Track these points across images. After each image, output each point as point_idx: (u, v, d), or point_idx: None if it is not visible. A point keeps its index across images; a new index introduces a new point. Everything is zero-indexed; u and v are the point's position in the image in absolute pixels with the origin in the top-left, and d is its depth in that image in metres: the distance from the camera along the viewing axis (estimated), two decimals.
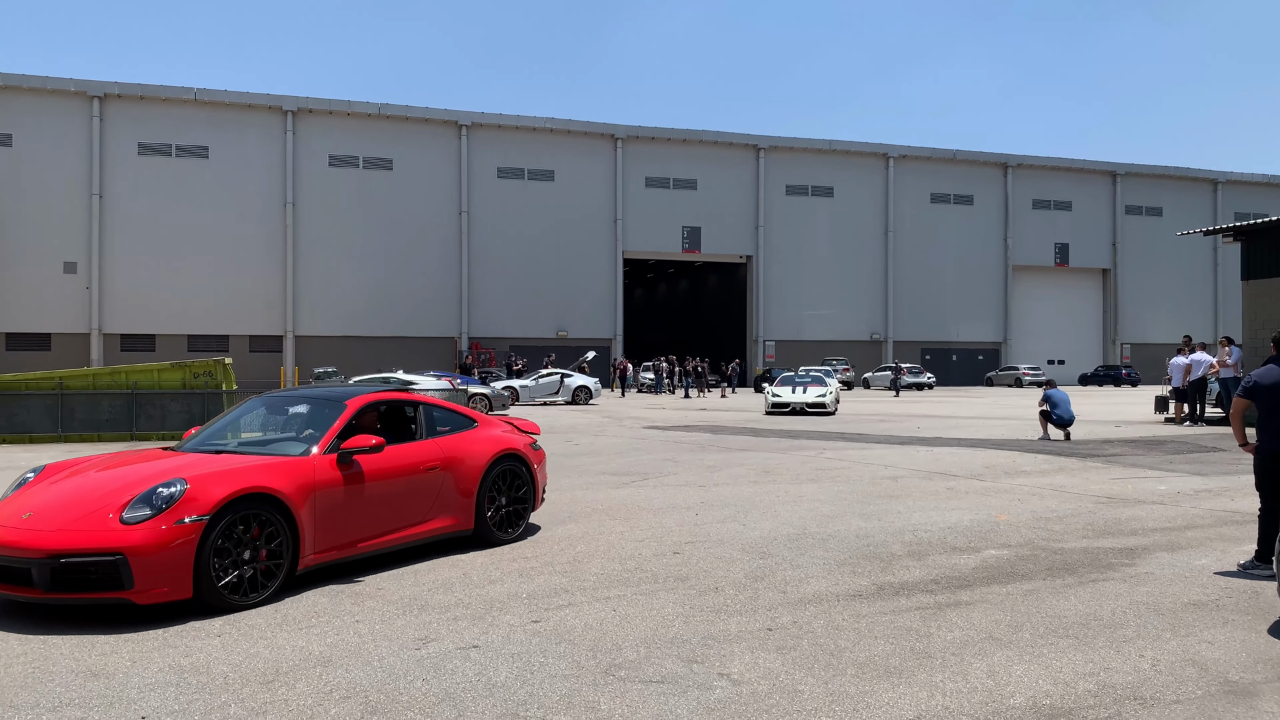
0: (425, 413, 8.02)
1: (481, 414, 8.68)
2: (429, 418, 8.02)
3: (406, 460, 7.43)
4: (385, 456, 7.21)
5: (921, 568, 7.18)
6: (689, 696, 4.46)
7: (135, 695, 4.51)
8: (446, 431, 8.01)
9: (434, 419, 8.06)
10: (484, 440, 8.15)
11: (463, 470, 7.82)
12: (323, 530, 6.61)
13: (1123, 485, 11.74)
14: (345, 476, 6.85)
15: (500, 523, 8.11)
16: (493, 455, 8.04)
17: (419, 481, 7.46)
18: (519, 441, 8.46)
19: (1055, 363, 62.29)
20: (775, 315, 57.93)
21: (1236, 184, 66.53)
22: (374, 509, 7.06)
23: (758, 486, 11.82)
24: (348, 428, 7.23)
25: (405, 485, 7.33)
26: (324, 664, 4.96)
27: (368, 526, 7.01)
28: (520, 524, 8.28)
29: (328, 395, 7.78)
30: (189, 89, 47.98)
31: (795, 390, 28.12)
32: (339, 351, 49.11)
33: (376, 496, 7.08)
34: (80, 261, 46.70)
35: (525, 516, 8.33)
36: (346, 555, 6.87)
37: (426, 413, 8.03)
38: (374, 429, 7.68)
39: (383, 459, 7.19)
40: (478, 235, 52.38)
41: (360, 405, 7.51)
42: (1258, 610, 5.95)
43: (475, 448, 8.01)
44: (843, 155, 58.93)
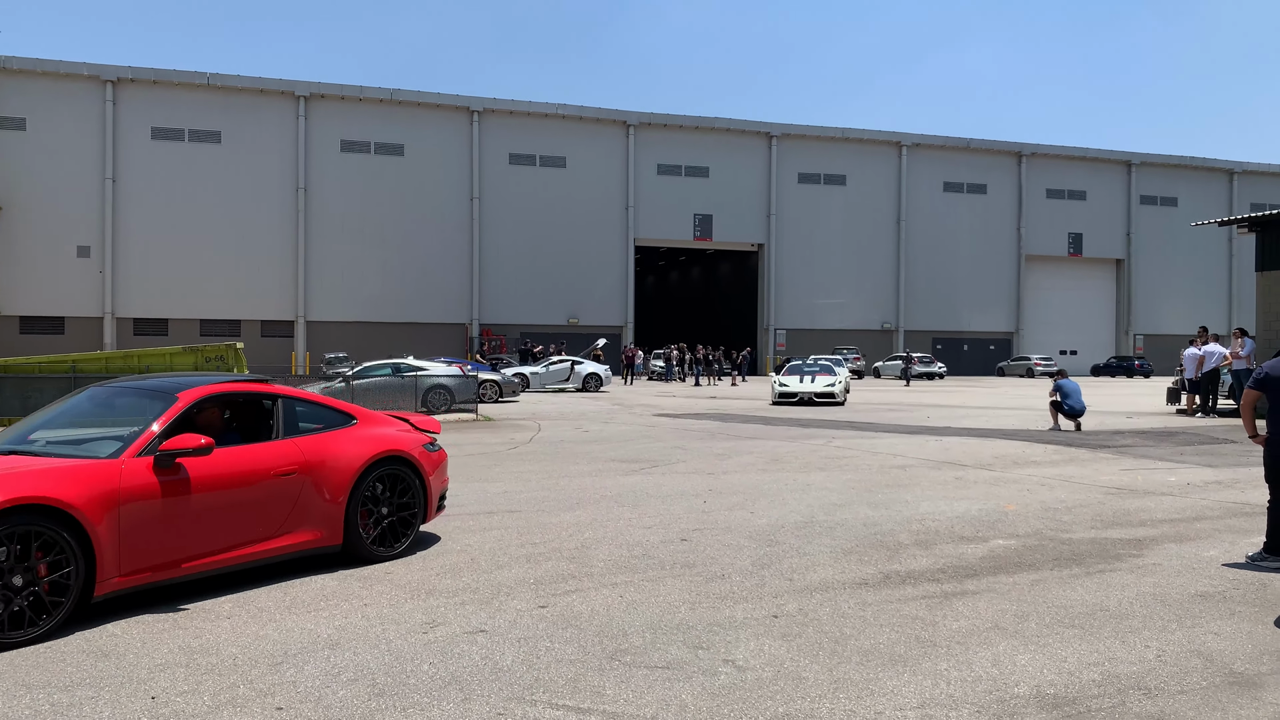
0: (286, 407, 6.90)
1: (367, 410, 7.60)
2: (290, 414, 6.90)
3: (253, 464, 6.34)
4: (222, 459, 6.15)
5: (928, 557, 7.19)
6: (694, 682, 4.48)
7: (145, 675, 4.56)
8: (314, 429, 6.95)
9: (296, 415, 6.95)
10: (360, 440, 7.05)
11: (329, 475, 6.73)
12: (131, 548, 5.56)
13: (1132, 476, 11.71)
14: (164, 484, 5.78)
15: (380, 537, 7.02)
16: (369, 458, 6.95)
17: (269, 489, 6.38)
18: (407, 442, 7.36)
19: (1067, 353, 62.02)
20: (786, 304, 57.82)
21: (1253, 174, 65.98)
22: (206, 522, 5.98)
23: (766, 475, 11.83)
24: (176, 424, 6.17)
25: (249, 493, 6.26)
26: (332, 646, 5.00)
27: (196, 543, 5.93)
28: (405, 538, 7.18)
29: (157, 386, 6.63)
30: (202, 74, 48.06)
31: (803, 379, 27.11)
32: (350, 337, 49.28)
33: (209, 507, 6.00)
34: (94, 245, 46.93)
35: (413, 529, 7.25)
36: (167, 577, 5.81)
37: (287, 407, 6.91)
38: (218, 426, 6.73)
39: (218, 462, 6.11)
40: (489, 221, 52.40)
41: (196, 398, 6.41)
42: (1265, 602, 5.94)
43: (347, 449, 6.92)
44: (856, 143, 58.67)
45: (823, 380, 26.83)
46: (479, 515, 8.92)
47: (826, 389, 26.36)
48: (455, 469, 12.44)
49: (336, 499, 6.76)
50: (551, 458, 13.78)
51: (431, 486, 7.44)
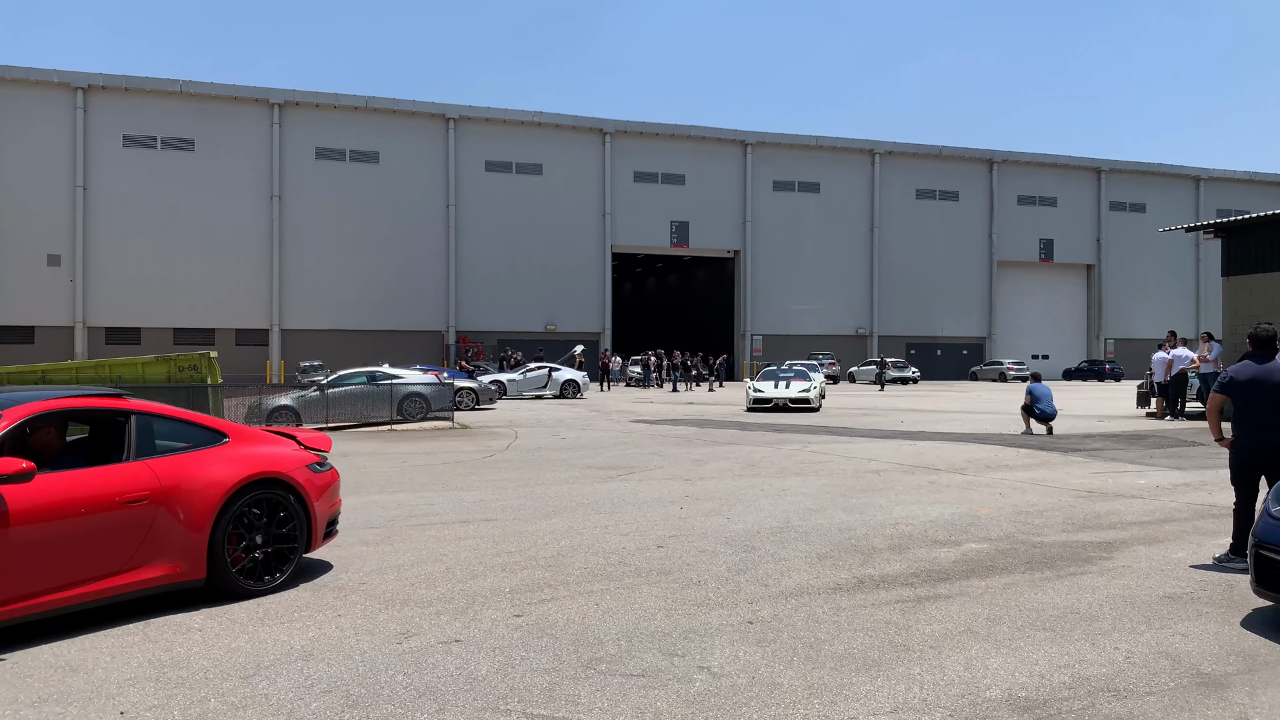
0: (140, 426, 6.10)
1: (243, 427, 6.85)
2: (145, 432, 6.11)
3: (92, 490, 5.56)
4: (52, 486, 5.40)
5: (902, 561, 7.23)
6: (669, 689, 4.49)
7: (114, 690, 4.51)
8: (177, 449, 6.22)
9: (153, 434, 6.18)
10: (231, 461, 6.30)
11: (190, 501, 5.95)
12: None
13: (1103, 479, 11.84)
14: None
15: (252, 569, 6.27)
16: (239, 481, 6.20)
17: (113, 518, 5.61)
18: (286, 462, 6.63)
19: (1039, 357, 62.61)
20: (763, 310, 58.03)
21: (1218, 181, 66.99)
22: (28, 558, 5.21)
23: (742, 480, 11.86)
24: None
25: (87, 524, 5.48)
26: (305, 658, 4.97)
27: (19, 582, 5.18)
28: (284, 569, 6.45)
29: None
30: (174, 81, 47.67)
31: (778, 385, 26.72)
32: (326, 345, 48.95)
33: (32, 541, 5.23)
34: (64, 254, 46.38)
35: (293, 559, 6.52)
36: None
37: (142, 426, 6.12)
38: (55, 448, 6.02)
39: (46, 489, 5.35)
40: (465, 228, 52.26)
41: (22, 416, 5.62)
42: (1231, 603, 6.02)
43: (213, 471, 6.16)
44: (829, 151, 59.05)
45: (798, 386, 26.54)
46: (454, 524, 8.89)
47: (801, 394, 26.06)
48: (431, 477, 12.40)
49: (198, 528, 5.96)
50: (528, 465, 13.76)
51: (317, 511, 6.71)
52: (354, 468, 13.55)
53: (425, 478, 12.42)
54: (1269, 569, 5.48)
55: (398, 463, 14.18)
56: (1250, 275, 21.72)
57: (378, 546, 7.85)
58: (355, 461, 14.36)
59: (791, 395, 25.99)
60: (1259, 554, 5.56)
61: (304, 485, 6.63)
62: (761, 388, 26.70)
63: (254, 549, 6.32)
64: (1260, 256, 21.54)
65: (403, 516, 9.33)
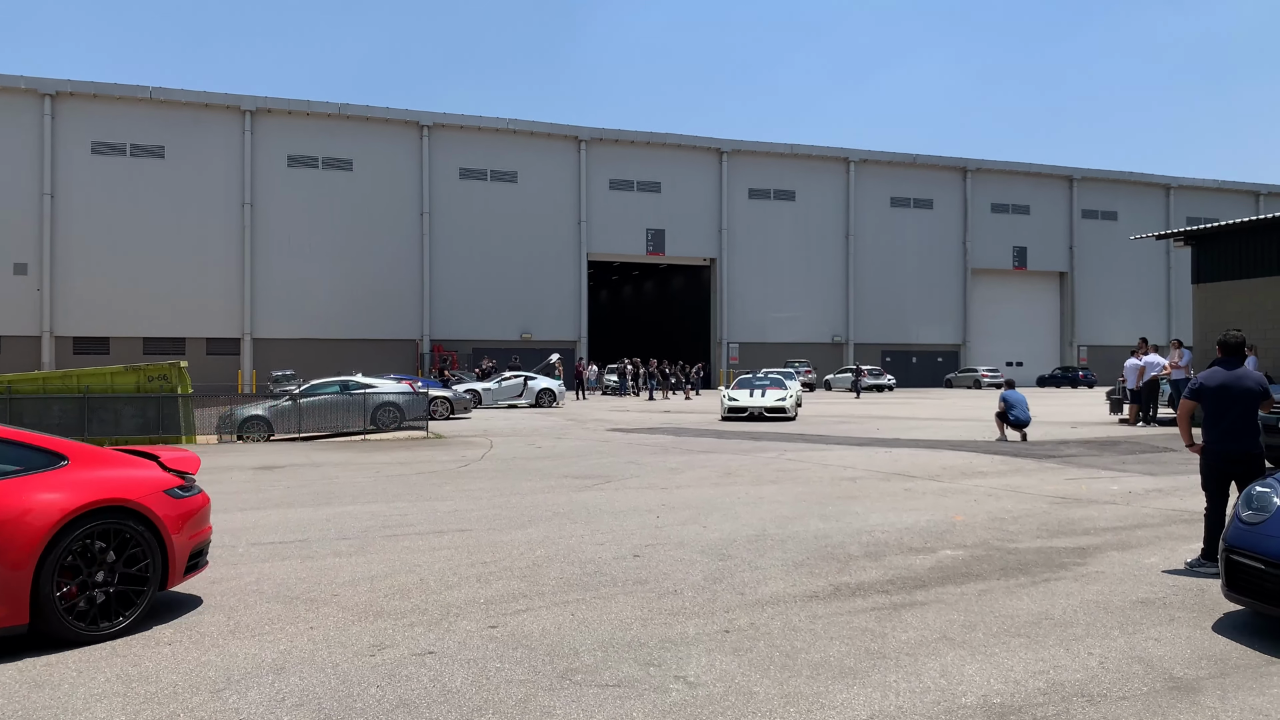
0: None
1: (88, 448, 5.97)
2: None
3: None
4: None
5: (878, 568, 7.24)
6: (645, 700, 4.46)
7: (81, 706, 4.43)
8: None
9: None
10: (64, 486, 5.48)
11: (9, 534, 5.16)
12: None
13: (1077, 485, 11.93)
14: None
15: (88, 611, 5.45)
16: (73, 510, 5.37)
17: None
18: (137, 488, 5.81)
19: (1014, 364, 63.16)
20: (739, 318, 58.18)
21: (1189, 189, 67.92)
22: None
23: (719, 488, 11.86)
24: None
25: None
26: (277, 671, 4.90)
27: None
28: (131, 611, 5.64)
29: None
30: (144, 88, 47.21)
31: (753, 394, 26.11)
32: (298, 354, 48.55)
33: None
34: (31, 262, 45.75)
35: (142, 599, 5.71)
36: None
37: None
38: None
39: None
40: (440, 237, 52.05)
41: None
42: (1203, 607, 6.07)
43: (39, 499, 5.33)
44: (804, 159, 59.35)
45: (773, 395, 25.94)
46: (428, 535, 8.82)
47: (777, 404, 25.46)
48: (405, 487, 12.31)
49: (19, 565, 5.15)
50: (503, 475, 13.69)
51: (175, 544, 5.88)
52: (326, 478, 13.42)
53: (399, 488, 12.32)
54: (1239, 573, 5.53)
55: (371, 473, 14.07)
56: (1220, 282, 22.02)
57: (350, 558, 7.77)
58: (328, 472, 14.23)
59: (767, 404, 25.45)
60: (1229, 559, 5.61)
61: (159, 514, 5.81)
62: (736, 396, 26.16)
63: (93, 588, 5.48)
64: (1229, 264, 21.85)
65: (376, 527, 9.25)
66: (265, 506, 10.70)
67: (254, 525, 9.41)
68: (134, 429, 19.80)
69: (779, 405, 25.39)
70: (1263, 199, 69.08)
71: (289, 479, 13.32)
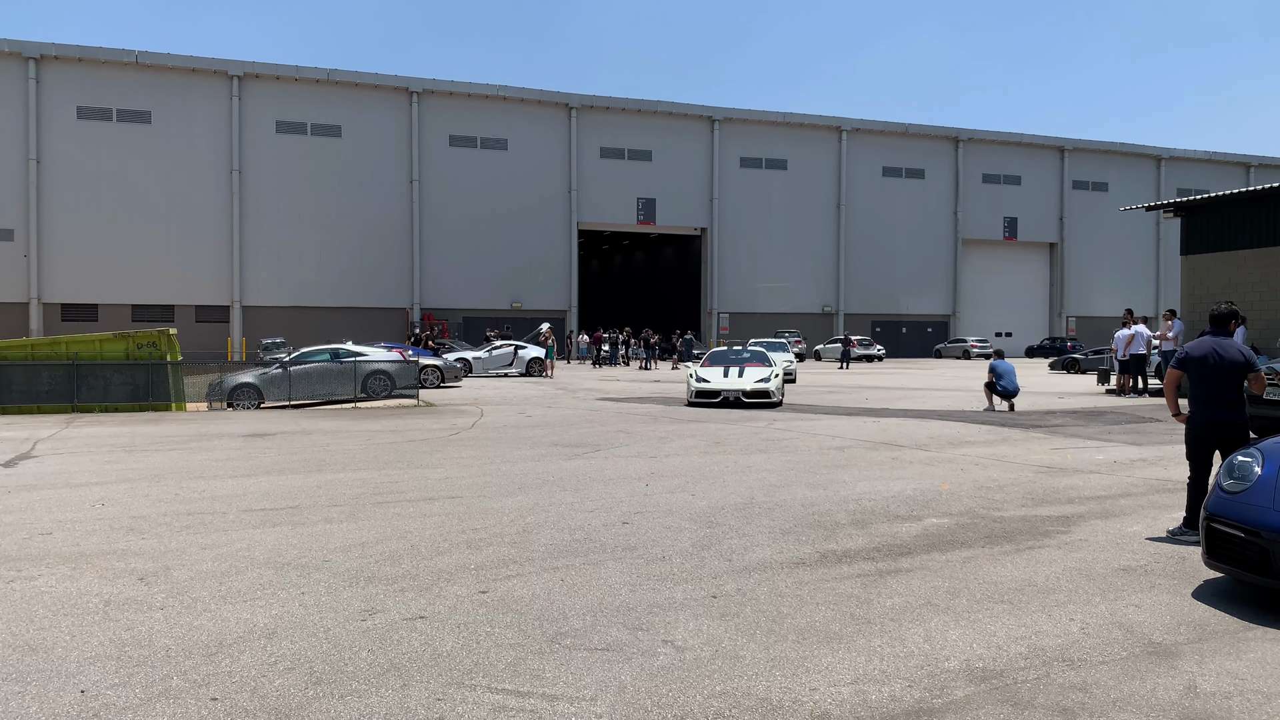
0: None
1: None
2: None
3: None
4: None
5: (864, 536, 7.32)
6: (633, 663, 4.52)
7: (74, 669, 4.46)
8: None
9: None
10: None
11: None
12: None
13: (1062, 455, 12.04)
14: None
15: None
16: None
17: None
18: None
19: (1003, 335, 63.37)
20: (729, 287, 58.14)
21: (1179, 160, 67.90)
22: None
23: (708, 457, 11.93)
24: None
25: None
26: (269, 636, 4.95)
27: None
28: None
29: None
30: (130, 51, 46.61)
31: (728, 373, 20.68)
32: (287, 322, 48.40)
33: None
34: (17, 229, 45.40)
35: None
36: None
37: None
38: None
39: None
40: (429, 204, 51.76)
41: None
42: (1183, 575, 6.17)
43: None
44: (796, 128, 59.05)
45: (753, 374, 20.53)
46: (419, 502, 8.86)
47: (758, 386, 20.02)
48: (396, 455, 12.35)
49: None
50: (494, 443, 13.73)
51: None
52: (317, 446, 13.44)
53: (390, 455, 12.36)
54: (1219, 541, 5.61)
55: (362, 440, 14.09)
56: (1209, 254, 22.10)
57: (341, 524, 7.82)
58: (318, 439, 14.26)
59: (745, 387, 20.01)
60: (1210, 527, 5.69)
61: None
62: (707, 376, 20.65)
63: None
64: (1219, 235, 21.92)
65: (367, 494, 9.29)
66: (256, 473, 10.73)
67: (245, 492, 9.44)
68: (123, 396, 19.76)
69: (761, 388, 20.02)
70: (1254, 170, 69.13)
71: (280, 446, 13.34)
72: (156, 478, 10.42)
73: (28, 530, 7.60)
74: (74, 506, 8.66)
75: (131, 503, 8.84)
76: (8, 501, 8.95)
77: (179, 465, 11.44)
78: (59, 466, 11.41)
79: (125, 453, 12.73)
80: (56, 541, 7.19)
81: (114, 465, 11.50)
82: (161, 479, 10.32)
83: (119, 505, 8.71)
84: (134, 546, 7.02)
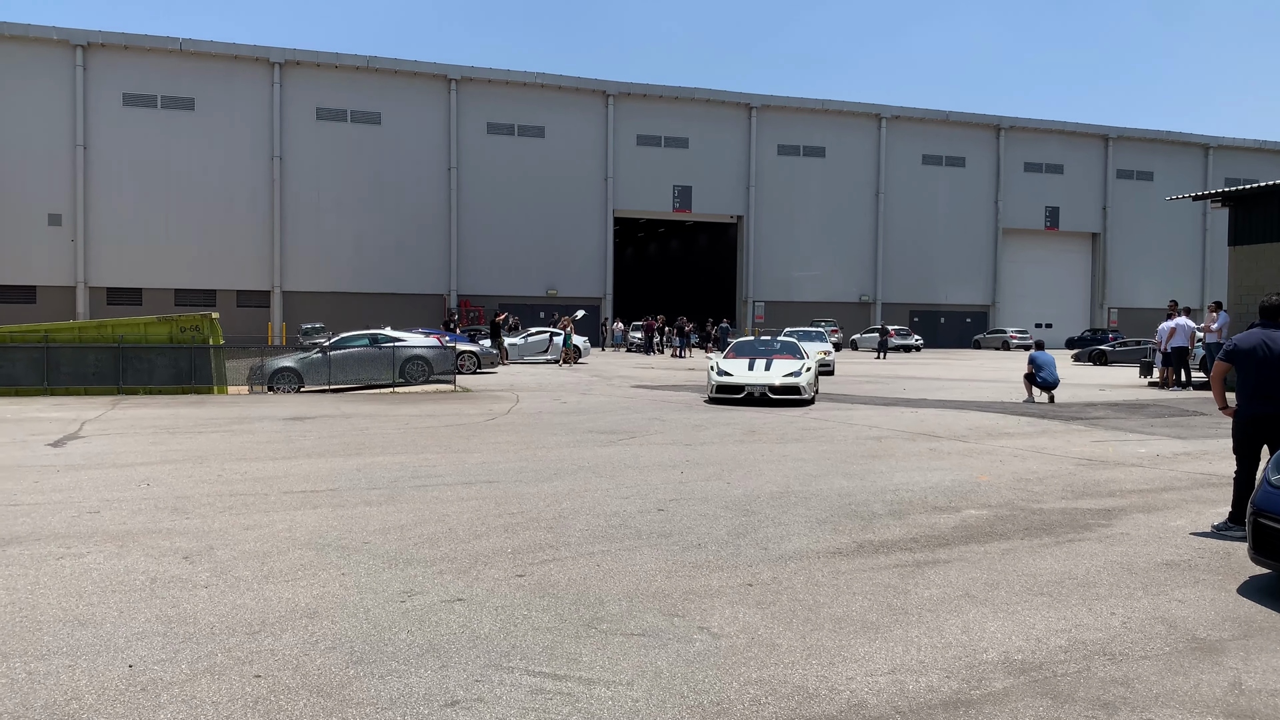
0: None
1: None
2: None
3: None
4: None
5: (901, 526, 7.28)
6: (669, 649, 4.54)
7: (122, 644, 4.56)
8: None
9: None
10: None
11: None
12: None
13: (1104, 448, 11.87)
14: None
15: None
16: None
17: None
18: None
19: (1043, 326, 62.51)
20: (765, 276, 57.86)
21: (1227, 149, 66.44)
22: None
23: (743, 446, 11.90)
24: None
25: None
26: (310, 615, 5.02)
27: None
28: None
29: None
30: (174, 39, 47.22)
31: (754, 366, 18.71)
32: (326, 307, 48.92)
33: None
34: (65, 214, 46.25)
35: None
36: None
37: None
38: None
39: None
40: (467, 191, 52.00)
41: None
42: (1229, 570, 6.06)
43: None
44: (835, 115, 58.53)
45: (783, 368, 18.47)
46: (456, 486, 8.94)
47: (787, 381, 17.87)
48: (433, 439, 12.46)
49: None
50: (530, 429, 13.80)
51: None
52: (357, 429, 13.60)
53: (427, 440, 12.47)
54: (1267, 536, 5.51)
55: (400, 424, 14.23)
56: (1258, 245, 21.62)
57: (381, 507, 7.91)
58: (358, 424, 14.41)
59: (773, 382, 17.90)
60: (1257, 522, 5.59)
61: None
62: (730, 369, 18.71)
63: None
64: (1268, 226, 21.44)
65: (405, 478, 9.38)
66: (297, 456, 10.87)
67: (285, 474, 9.57)
68: (167, 379, 20.10)
69: (790, 383, 17.86)
70: None
71: (319, 429, 13.51)
72: (200, 459, 10.60)
73: (76, 509, 7.77)
74: (120, 486, 8.84)
75: (176, 483, 9.00)
76: (57, 480, 9.15)
77: (221, 447, 11.62)
78: (105, 447, 11.64)
79: (169, 434, 12.96)
80: (104, 520, 7.35)
81: (158, 446, 11.71)
82: (205, 460, 10.50)
83: (164, 485, 8.87)
84: (179, 526, 7.15)
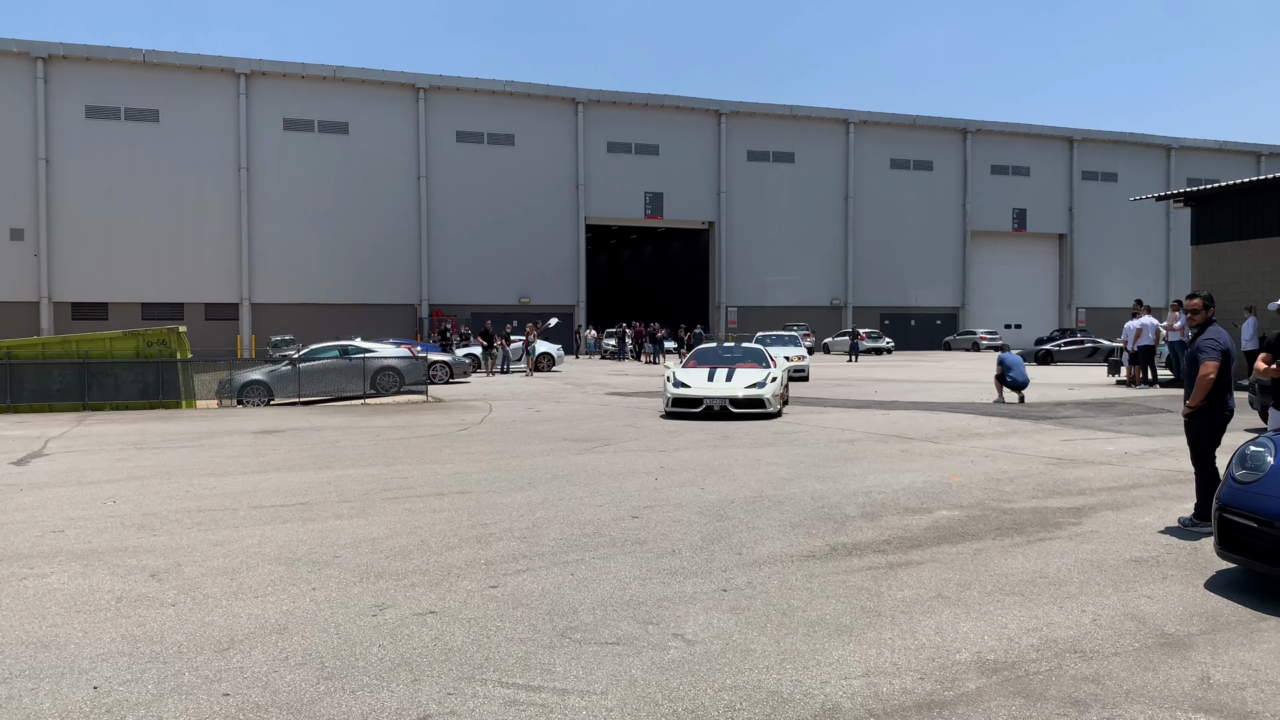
0: None
1: None
2: None
3: None
4: None
5: (874, 528, 7.30)
6: (644, 657, 4.52)
7: (87, 665, 4.48)
8: None
9: None
10: None
11: None
12: None
13: (1073, 447, 11.99)
14: None
15: None
16: None
17: None
18: None
19: (1012, 327, 63.11)
20: (738, 281, 58.04)
21: (1189, 150, 67.45)
22: None
23: (717, 451, 11.92)
24: None
25: None
26: (280, 631, 4.96)
27: None
28: None
29: None
30: (137, 50, 46.69)
31: (714, 376, 16.76)
32: (297, 319, 48.48)
33: None
34: (27, 228, 45.55)
35: None
36: None
37: None
38: None
39: None
40: (437, 200, 51.77)
41: None
42: (1196, 565, 6.14)
43: None
44: (804, 121, 58.87)
45: (746, 377, 16.63)
46: (428, 497, 8.88)
47: (751, 393, 16.11)
48: (405, 450, 12.37)
49: None
50: (503, 438, 13.74)
51: None
52: (327, 442, 13.48)
53: (399, 451, 12.38)
54: (1232, 532, 5.58)
55: (371, 436, 14.12)
56: (1219, 244, 21.97)
57: (352, 520, 7.83)
58: (328, 436, 14.29)
59: (734, 394, 16.13)
60: (1223, 517, 5.66)
61: None
62: (687, 380, 16.75)
63: None
64: (1229, 225, 21.79)
65: (377, 490, 9.31)
66: (266, 470, 10.76)
67: (255, 489, 9.47)
68: (134, 394, 19.84)
69: (753, 395, 16.12)
70: (1264, 159, 68.65)
71: (289, 443, 13.38)
72: (167, 475, 10.46)
73: (40, 528, 7.64)
74: (85, 504, 8.70)
75: (143, 500, 8.88)
76: (20, 499, 8.99)
77: (190, 462, 11.48)
78: (70, 464, 11.46)
79: (136, 450, 12.79)
80: (68, 539, 7.23)
81: (125, 463, 11.55)
82: (172, 476, 10.36)
83: (130, 502, 8.75)
84: (145, 543, 7.04)
